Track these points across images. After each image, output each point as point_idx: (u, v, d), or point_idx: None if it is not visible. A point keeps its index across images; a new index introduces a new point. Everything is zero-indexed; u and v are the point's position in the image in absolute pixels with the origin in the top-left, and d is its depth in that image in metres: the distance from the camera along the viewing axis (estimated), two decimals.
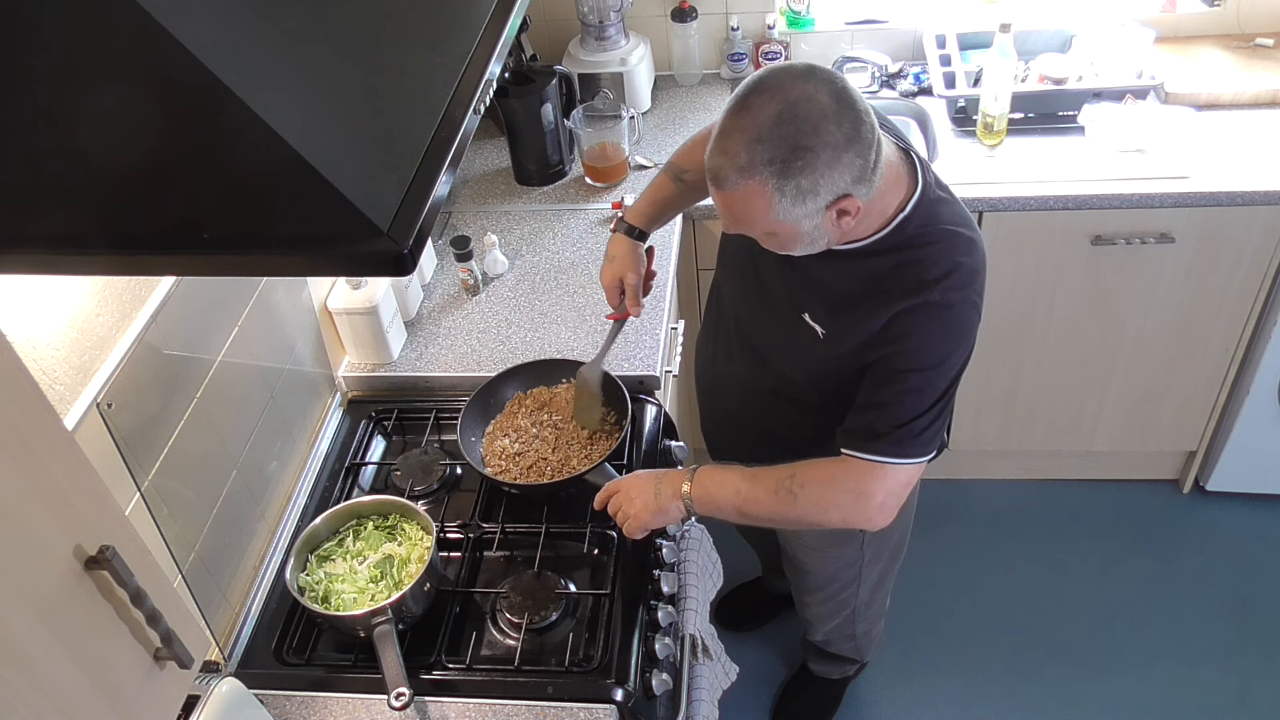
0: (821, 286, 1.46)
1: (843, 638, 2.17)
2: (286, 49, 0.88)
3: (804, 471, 1.46)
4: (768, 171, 1.23)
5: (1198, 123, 2.29)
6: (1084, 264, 2.28)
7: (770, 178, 1.24)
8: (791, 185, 1.24)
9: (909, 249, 1.40)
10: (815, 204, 1.27)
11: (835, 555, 1.92)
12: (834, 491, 1.46)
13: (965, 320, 1.40)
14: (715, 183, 1.29)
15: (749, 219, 1.32)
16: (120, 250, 0.85)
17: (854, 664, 2.32)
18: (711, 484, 1.52)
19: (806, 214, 1.28)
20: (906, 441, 1.41)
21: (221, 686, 1.35)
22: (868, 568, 1.94)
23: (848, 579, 1.96)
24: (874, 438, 1.42)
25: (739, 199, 1.28)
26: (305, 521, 1.67)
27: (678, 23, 2.56)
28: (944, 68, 2.42)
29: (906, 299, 1.38)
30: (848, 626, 2.11)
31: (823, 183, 1.25)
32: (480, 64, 1.03)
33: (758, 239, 1.40)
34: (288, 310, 1.75)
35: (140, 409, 1.33)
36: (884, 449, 1.42)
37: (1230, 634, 2.47)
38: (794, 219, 1.28)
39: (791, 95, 1.22)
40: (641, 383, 1.88)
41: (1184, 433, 2.63)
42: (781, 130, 1.22)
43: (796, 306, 1.49)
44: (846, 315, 1.44)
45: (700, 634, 1.68)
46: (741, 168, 1.24)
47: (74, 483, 0.80)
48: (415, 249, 0.83)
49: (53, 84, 0.79)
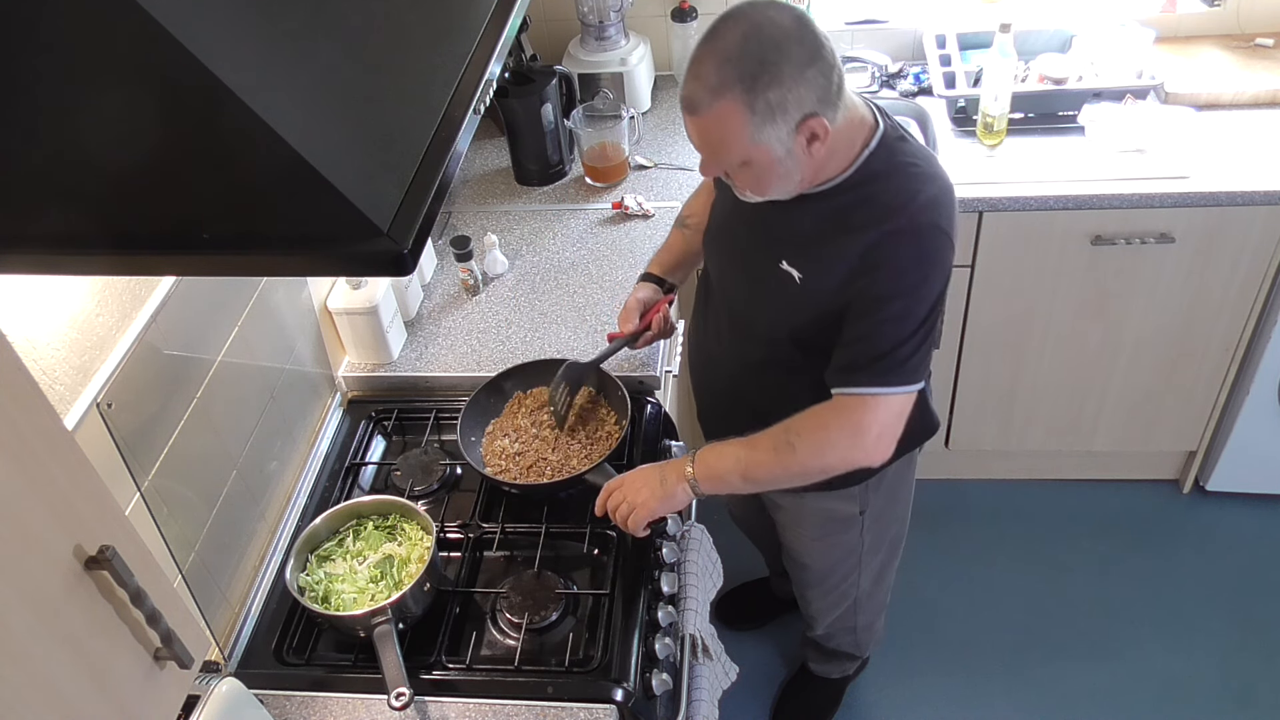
0: (794, 230, 1.50)
1: (844, 631, 2.16)
2: (286, 49, 0.88)
3: (798, 422, 1.49)
4: (738, 89, 1.30)
5: (1198, 123, 2.29)
6: (1084, 264, 2.28)
7: (741, 94, 1.30)
8: (761, 101, 1.30)
9: (874, 182, 1.45)
10: (786, 123, 1.32)
11: (834, 544, 1.92)
12: (829, 434, 1.48)
13: (935, 244, 1.43)
14: (689, 109, 1.35)
15: (724, 145, 1.36)
16: (120, 250, 0.85)
17: (854, 661, 2.32)
18: (713, 459, 1.54)
19: (778, 136, 1.34)
20: (893, 370, 1.44)
21: (221, 686, 1.35)
22: (867, 556, 1.94)
23: (848, 569, 1.97)
24: (859, 370, 1.45)
25: (714, 123, 1.34)
26: (305, 521, 1.67)
27: (678, 23, 2.56)
28: (944, 68, 2.42)
29: (875, 227, 1.42)
30: (849, 619, 2.11)
31: (790, 97, 1.31)
32: (480, 64, 1.03)
33: (734, 180, 1.44)
34: (288, 310, 1.75)
35: (140, 409, 1.33)
36: (871, 380, 1.45)
37: (1230, 634, 2.47)
38: (767, 140, 1.34)
39: (755, 19, 1.31)
40: (641, 383, 1.88)
41: (1184, 433, 2.63)
42: (747, 48, 1.30)
43: (774, 256, 1.52)
44: (819, 253, 1.48)
45: (700, 634, 1.68)
46: (713, 88, 1.31)
47: (74, 483, 0.80)
48: (415, 249, 0.83)
49: (53, 84, 0.79)
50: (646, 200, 2.28)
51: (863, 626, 2.16)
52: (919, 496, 2.01)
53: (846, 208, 1.45)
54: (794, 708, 2.40)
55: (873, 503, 1.82)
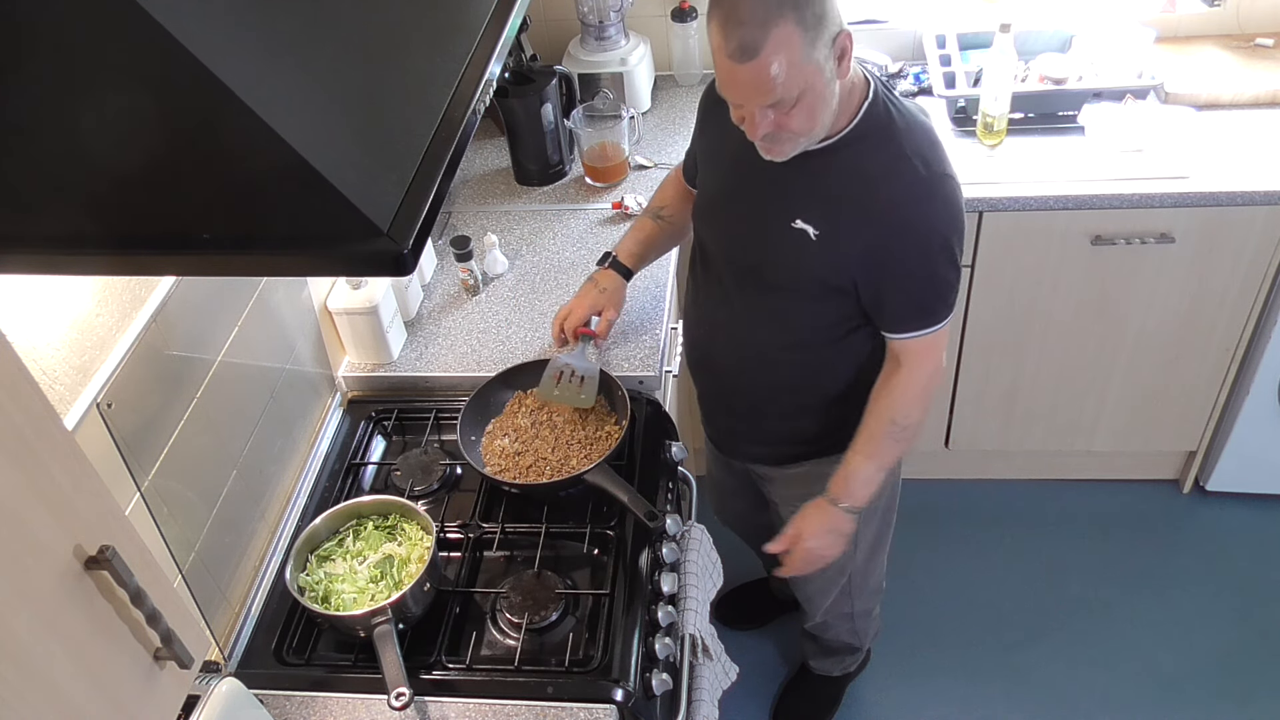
0: (810, 190, 1.54)
1: (840, 618, 2.16)
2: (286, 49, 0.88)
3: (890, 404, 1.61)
4: (787, 8, 1.31)
5: (1198, 123, 2.29)
6: (1084, 264, 2.28)
7: (790, 12, 1.31)
8: (810, 14, 1.32)
9: (883, 131, 1.49)
10: (828, 35, 1.35)
11: None
12: (918, 390, 1.61)
13: (953, 192, 1.51)
14: (745, 54, 1.33)
15: (784, 77, 1.34)
16: (120, 250, 0.85)
17: (853, 656, 2.31)
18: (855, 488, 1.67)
19: (824, 53, 1.36)
20: (946, 307, 1.56)
21: (221, 686, 1.35)
22: (862, 526, 1.93)
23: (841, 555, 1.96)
24: (924, 314, 1.55)
25: (773, 54, 1.32)
26: (305, 521, 1.67)
27: (678, 23, 2.56)
28: (944, 68, 2.42)
29: (898, 178, 1.48)
30: (845, 603, 2.11)
31: (829, 6, 1.35)
32: (480, 64, 1.03)
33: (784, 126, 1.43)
34: (288, 310, 1.75)
35: (140, 409, 1.33)
36: (933, 320, 1.56)
37: (1230, 634, 2.47)
38: (817, 60, 1.36)
39: None
40: (641, 383, 1.88)
41: (1184, 433, 2.63)
42: None
43: (786, 215, 1.55)
44: (842, 209, 1.52)
45: (700, 634, 1.68)
46: (764, 21, 1.31)
47: (74, 483, 0.80)
48: (415, 249, 0.83)
49: (53, 84, 0.79)
50: (646, 200, 2.27)
51: (859, 613, 2.15)
52: (920, 497, 2.01)
53: (861, 160, 1.50)
54: (794, 706, 2.39)
55: None
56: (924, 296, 1.54)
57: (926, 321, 1.56)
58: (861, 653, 2.33)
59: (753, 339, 1.70)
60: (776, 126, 1.43)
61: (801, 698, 2.40)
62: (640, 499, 1.63)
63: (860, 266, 1.53)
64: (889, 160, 1.48)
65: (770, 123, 1.42)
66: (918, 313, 1.55)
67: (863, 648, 2.30)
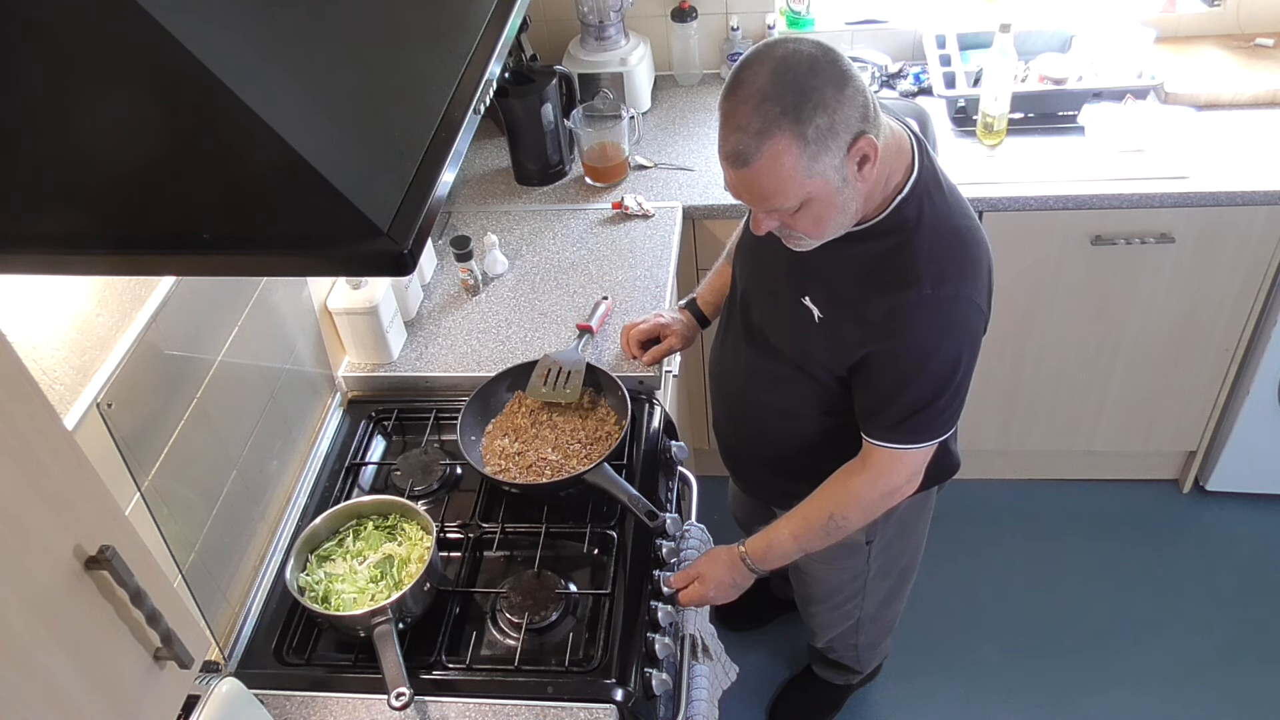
0: (821, 273, 1.48)
1: (845, 646, 2.16)
2: (286, 49, 0.88)
3: (835, 498, 1.57)
4: (785, 122, 1.24)
5: (1198, 123, 2.29)
6: (1084, 264, 2.28)
7: (789, 126, 1.24)
8: (810, 129, 1.24)
9: (905, 233, 1.40)
10: (837, 147, 1.27)
11: (840, 568, 1.92)
12: (865, 499, 1.56)
13: (961, 315, 1.41)
14: (738, 162, 1.27)
15: (781, 188, 1.29)
16: (120, 250, 0.85)
17: (855, 674, 2.31)
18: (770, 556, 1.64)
19: (833, 164, 1.28)
20: (921, 429, 1.49)
21: (221, 686, 1.35)
22: (873, 582, 1.94)
23: (852, 591, 1.96)
24: (889, 427, 1.49)
25: (767, 166, 1.26)
26: (305, 521, 1.67)
27: (678, 23, 2.56)
28: (944, 68, 2.42)
29: (901, 291, 1.39)
30: (851, 637, 2.11)
31: (838, 118, 1.25)
32: (480, 64, 1.03)
33: (790, 228, 1.38)
34: (288, 310, 1.75)
35: (140, 409, 1.33)
36: (900, 438, 1.49)
37: (1230, 634, 2.47)
38: (823, 171, 1.28)
39: (778, 54, 1.26)
40: (641, 383, 1.88)
41: (1184, 433, 2.63)
42: (783, 82, 1.24)
43: (797, 290, 1.52)
44: (843, 301, 1.46)
45: (700, 634, 1.68)
46: (759, 131, 1.24)
47: (74, 483, 0.80)
48: (415, 249, 0.83)
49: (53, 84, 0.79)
50: (646, 200, 2.27)
51: (864, 645, 2.15)
52: None
53: (876, 260, 1.42)
54: (794, 705, 2.40)
55: (881, 533, 1.83)
56: (901, 413, 1.46)
57: (900, 438, 1.49)
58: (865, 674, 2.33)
59: (754, 398, 1.69)
60: (783, 225, 1.38)
61: (802, 697, 2.40)
62: (640, 499, 1.63)
63: (855, 363, 1.48)
64: (900, 267, 1.39)
65: (774, 223, 1.38)
66: (893, 426, 1.48)
67: (864, 671, 2.30)
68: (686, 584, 1.65)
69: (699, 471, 1.99)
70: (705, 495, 1.90)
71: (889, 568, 1.92)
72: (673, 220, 2.24)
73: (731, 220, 2.22)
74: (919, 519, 1.88)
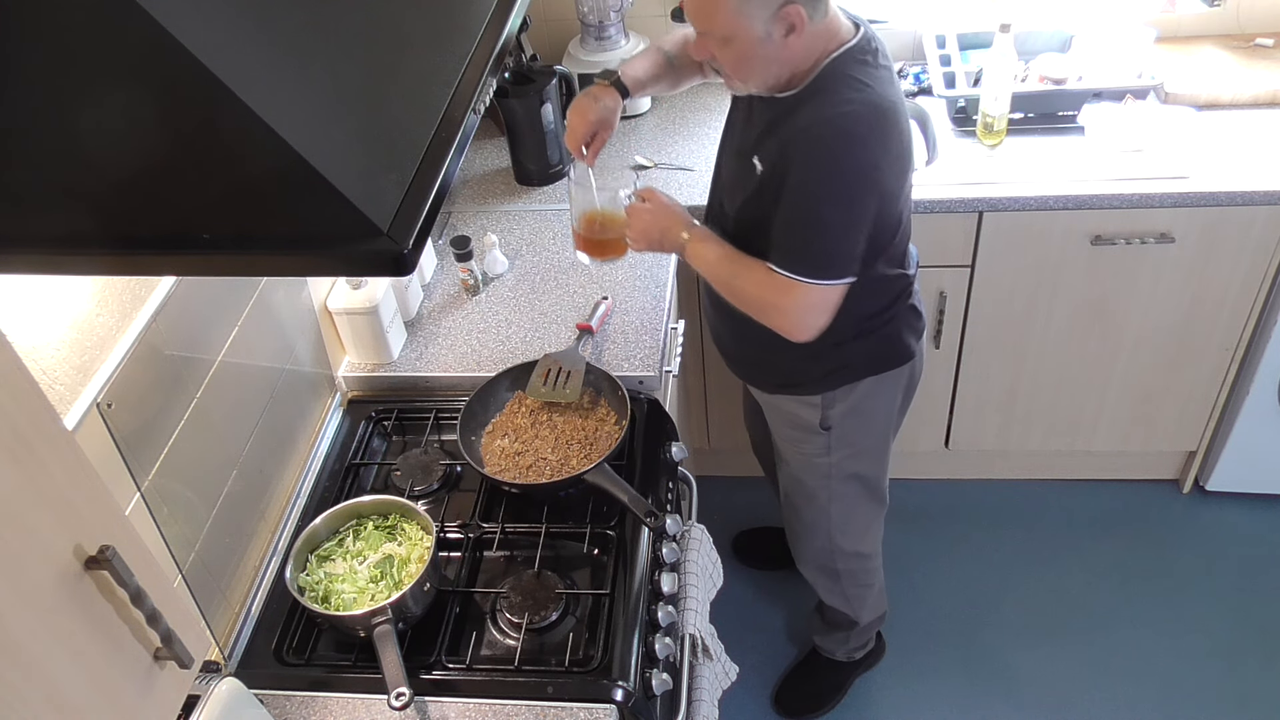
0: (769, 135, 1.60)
1: (826, 575, 2.17)
2: (286, 49, 0.88)
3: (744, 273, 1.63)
4: None
5: (1198, 123, 2.29)
6: (1084, 264, 2.28)
7: None
8: None
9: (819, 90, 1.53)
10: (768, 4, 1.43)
11: (802, 450, 1.97)
12: (758, 297, 1.63)
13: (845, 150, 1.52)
14: None
15: (711, 12, 1.46)
16: (120, 250, 0.85)
17: (853, 632, 2.29)
18: (694, 256, 1.69)
19: (760, 15, 1.44)
20: (804, 261, 1.55)
21: (221, 686, 1.35)
22: (836, 483, 1.97)
23: (815, 485, 1.99)
24: (779, 251, 1.58)
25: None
26: (305, 521, 1.67)
27: (677, 23, 2.55)
28: (944, 68, 2.42)
29: (809, 121, 1.52)
30: (827, 557, 2.11)
31: None
32: (480, 64, 1.03)
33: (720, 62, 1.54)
34: (288, 310, 1.75)
35: (140, 409, 1.33)
36: (786, 264, 1.56)
37: (1230, 634, 2.47)
38: (750, 16, 1.44)
39: None
40: (641, 383, 1.88)
41: (1184, 433, 2.63)
42: None
43: (750, 153, 1.63)
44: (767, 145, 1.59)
45: (700, 634, 1.68)
46: None
47: (74, 483, 0.80)
48: (415, 249, 0.83)
49: (53, 84, 0.80)
50: None
51: (845, 574, 2.15)
52: (920, 497, 2.01)
53: (793, 108, 1.55)
54: (797, 686, 2.40)
55: (837, 421, 1.86)
56: (784, 236, 1.57)
57: (789, 265, 1.56)
58: (861, 630, 2.31)
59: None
60: (713, 57, 1.54)
61: (806, 680, 2.40)
62: (640, 499, 1.63)
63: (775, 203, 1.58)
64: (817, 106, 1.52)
65: (707, 53, 1.54)
66: (783, 251, 1.57)
67: (860, 621, 2.28)
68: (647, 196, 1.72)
69: (699, 471, 2.00)
70: (705, 495, 1.90)
71: (850, 467, 1.95)
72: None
73: None
74: (877, 410, 1.90)
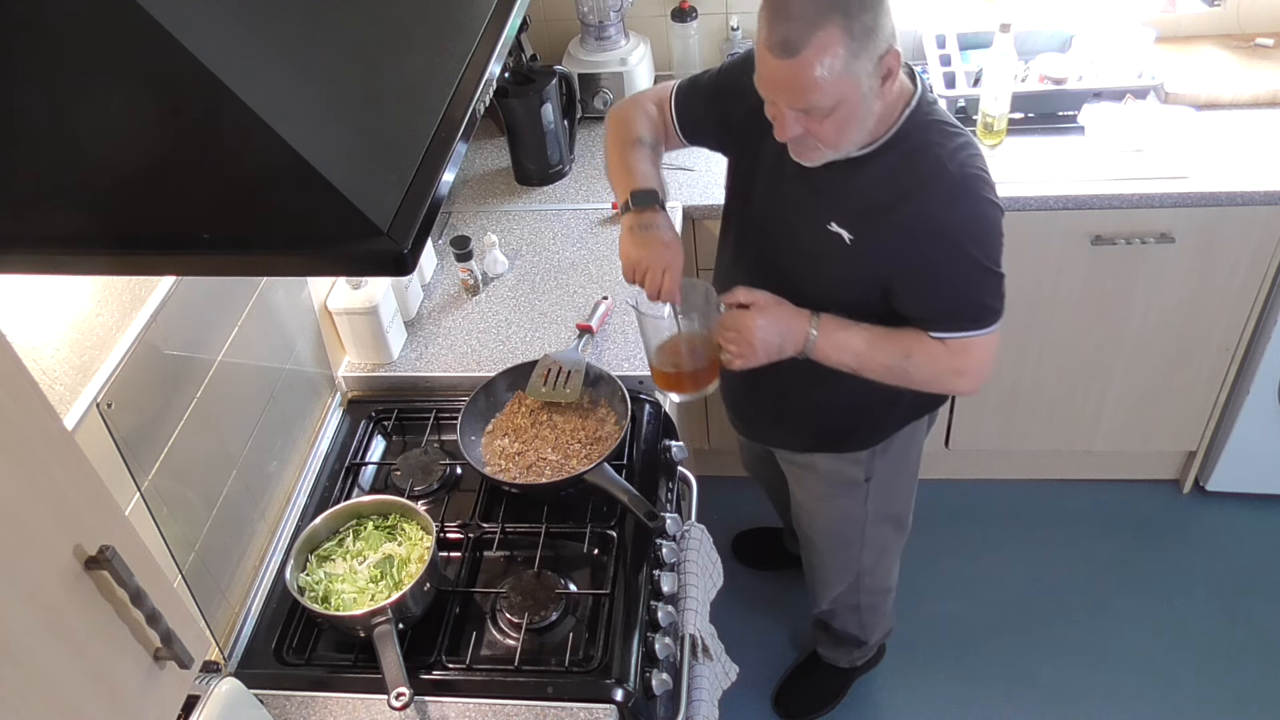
0: (843, 197, 1.51)
1: (847, 609, 2.16)
2: (286, 49, 0.88)
3: (916, 350, 1.55)
4: (836, 15, 1.29)
5: (1198, 123, 2.29)
6: (1084, 264, 2.28)
7: (839, 19, 1.29)
8: (859, 25, 1.30)
9: (917, 139, 1.47)
10: (874, 51, 1.33)
11: (839, 507, 1.94)
12: (940, 370, 1.56)
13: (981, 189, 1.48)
14: (786, 50, 1.31)
15: (821, 83, 1.32)
16: (120, 250, 0.85)
17: (861, 649, 2.31)
18: (834, 347, 1.56)
19: (866, 69, 1.34)
20: (987, 313, 1.54)
21: (221, 686, 1.35)
22: (870, 529, 1.95)
23: (850, 536, 1.98)
24: (959, 317, 1.53)
25: (814, 56, 1.30)
26: (305, 521, 1.67)
27: (678, 23, 2.55)
28: (944, 68, 2.42)
29: (929, 184, 1.45)
30: (852, 596, 2.11)
31: (881, 23, 1.32)
32: (480, 64, 1.03)
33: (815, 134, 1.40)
34: (288, 310, 1.75)
35: (140, 409, 1.33)
36: (971, 324, 1.53)
37: (1230, 634, 2.47)
38: (857, 74, 1.33)
39: None
40: (641, 383, 1.88)
41: (1184, 433, 2.63)
42: None
43: (822, 219, 1.53)
44: (872, 217, 1.49)
45: (700, 634, 1.68)
46: (811, 21, 1.29)
47: (74, 483, 0.80)
48: (415, 249, 0.83)
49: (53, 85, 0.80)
50: None
51: (866, 607, 2.15)
52: (920, 497, 2.01)
53: (892, 169, 1.47)
54: (799, 690, 2.40)
55: (879, 470, 1.84)
56: (953, 303, 1.52)
57: (959, 327, 1.53)
58: (869, 647, 2.32)
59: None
60: (806, 132, 1.41)
61: (807, 682, 2.40)
62: (640, 499, 1.64)
63: (892, 274, 1.51)
64: (921, 164, 1.46)
65: (800, 128, 1.40)
66: (948, 318, 1.53)
67: (869, 641, 2.29)
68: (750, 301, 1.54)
69: (699, 471, 1.99)
70: (705, 495, 1.90)
71: (884, 510, 1.94)
72: (673, 220, 2.23)
73: None
74: (911, 452, 1.90)
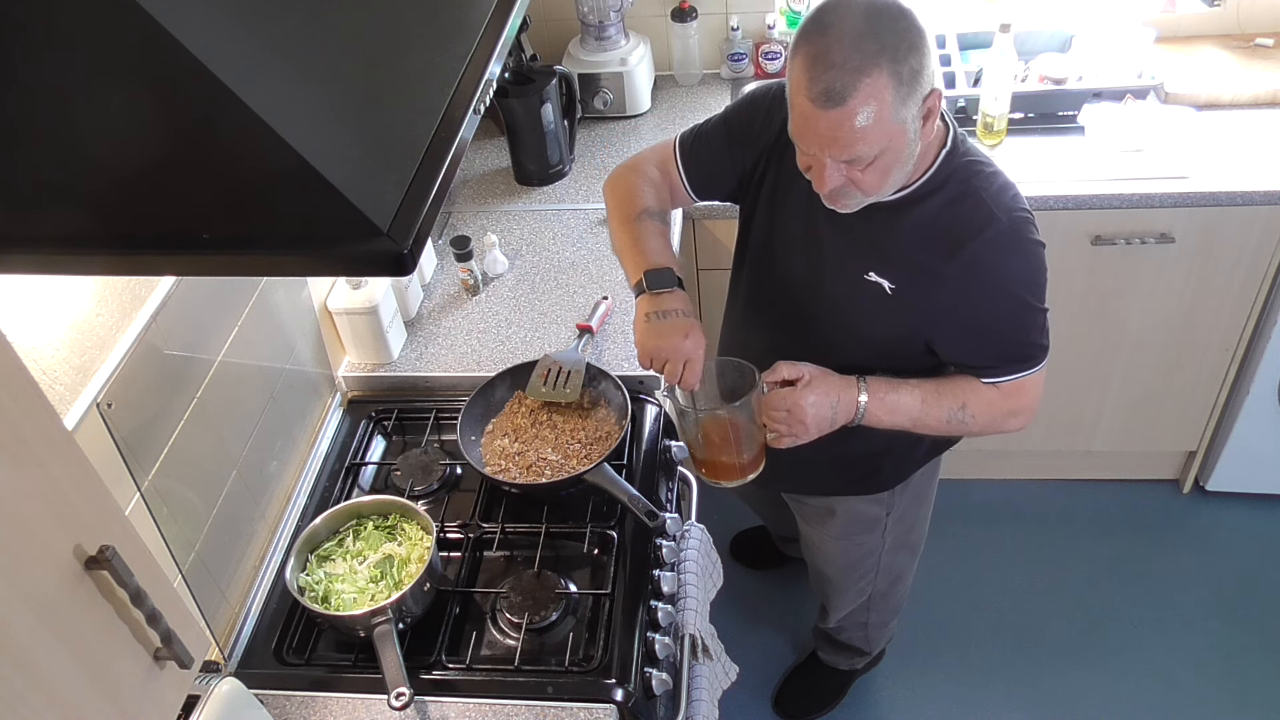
0: (883, 244, 1.47)
1: (855, 625, 2.17)
2: (286, 49, 0.88)
3: (971, 399, 1.53)
4: (884, 60, 1.23)
5: (1198, 123, 2.29)
6: (1084, 264, 2.28)
7: (887, 64, 1.23)
8: (905, 69, 1.25)
9: (961, 182, 1.42)
10: (919, 94, 1.28)
11: (856, 544, 1.93)
12: (996, 414, 1.54)
13: (1029, 233, 1.44)
14: (831, 99, 1.24)
15: (868, 130, 1.27)
16: (120, 250, 0.85)
17: (863, 656, 2.32)
18: (887, 411, 1.52)
19: (910, 112, 1.29)
20: (1037, 352, 1.50)
21: (221, 686, 1.35)
22: (887, 557, 1.95)
23: (867, 567, 1.98)
24: (1013, 360, 1.50)
25: (861, 104, 1.24)
26: (305, 521, 1.67)
27: (678, 23, 2.55)
28: (944, 68, 2.42)
29: (976, 236, 1.40)
30: (861, 615, 2.12)
31: (926, 63, 1.27)
32: (480, 64, 1.03)
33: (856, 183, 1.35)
34: (288, 310, 1.75)
35: (140, 409, 1.33)
36: (1024, 366, 1.50)
37: (1230, 634, 2.47)
38: (903, 119, 1.28)
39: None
40: (641, 383, 1.88)
41: (1184, 433, 2.63)
42: (879, 20, 1.24)
43: (859, 268, 1.49)
44: (917, 267, 1.45)
45: (700, 634, 1.68)
46: (858, 68, 1.23)
47: (74, 483, 0.80)
48: (415, 249, 0.83)
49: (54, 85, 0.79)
50: None
51: (874, 624, 2.17)
52: None
53: (937, 215, 1.43)
54: (798, 690, 2.41)
55: (898, 505, 1.84)
56: (1008, 348, 1.49)
57: (1013, 370, 1.50)
58: (871, 655, 2.34)
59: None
60: (847, 181, 1.35)
61: (807, 683, 2.41)
62: (640, 499, 1.63)
63: (940, 324, 1.48)
64: (969, 212, 1.41)
65: (842, 178, 1.34)
66: (1002, 363, 1.50)
67: (872, 653, 2.32)
68: (795, 376, 1.49)
69: None
70: (705, 495, 1.90)
71: (901, 541, 1.93)
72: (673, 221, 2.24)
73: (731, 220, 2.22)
74: (929, 487, 1.90)
